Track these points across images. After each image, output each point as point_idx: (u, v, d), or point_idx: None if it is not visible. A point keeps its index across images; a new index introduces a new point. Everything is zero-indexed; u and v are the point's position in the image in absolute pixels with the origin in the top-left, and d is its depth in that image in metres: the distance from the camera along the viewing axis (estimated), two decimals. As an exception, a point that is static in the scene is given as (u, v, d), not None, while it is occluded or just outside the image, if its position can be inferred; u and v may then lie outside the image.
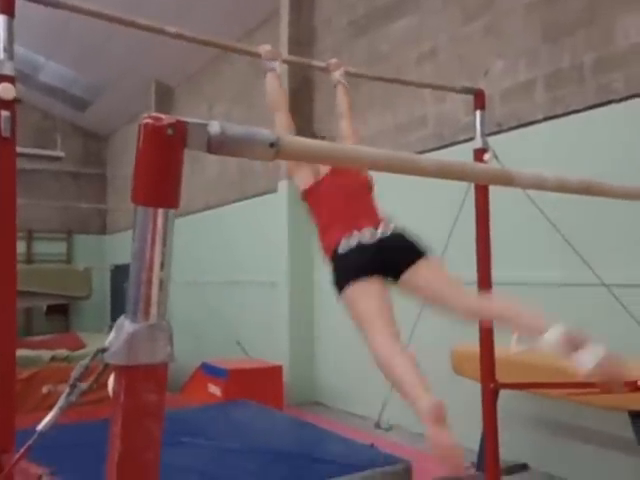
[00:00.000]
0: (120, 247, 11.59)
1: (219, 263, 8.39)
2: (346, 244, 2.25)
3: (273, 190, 6.90)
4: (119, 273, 11.25)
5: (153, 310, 0.85)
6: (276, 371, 5.85)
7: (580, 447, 3.72)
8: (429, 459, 4.34)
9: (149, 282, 0.85)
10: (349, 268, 2.20)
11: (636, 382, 2.71)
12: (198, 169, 9.00)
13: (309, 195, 2.53)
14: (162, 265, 0.85)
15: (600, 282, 3.10)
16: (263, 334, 7.04)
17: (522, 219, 3.86)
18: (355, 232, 2.25)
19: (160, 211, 0.84)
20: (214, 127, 0.88)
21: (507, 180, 1.12)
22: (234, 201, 8.09)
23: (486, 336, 3.18)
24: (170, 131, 0.83)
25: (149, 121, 0.83)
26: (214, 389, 5.60)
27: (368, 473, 3.44)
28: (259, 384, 5.55)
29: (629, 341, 3.21)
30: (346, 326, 7.09)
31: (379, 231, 2.24)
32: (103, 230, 13.09)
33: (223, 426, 4.37)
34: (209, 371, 5.82)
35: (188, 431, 4.15)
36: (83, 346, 6.44)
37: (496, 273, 3.37)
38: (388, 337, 1.98)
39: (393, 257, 2.22)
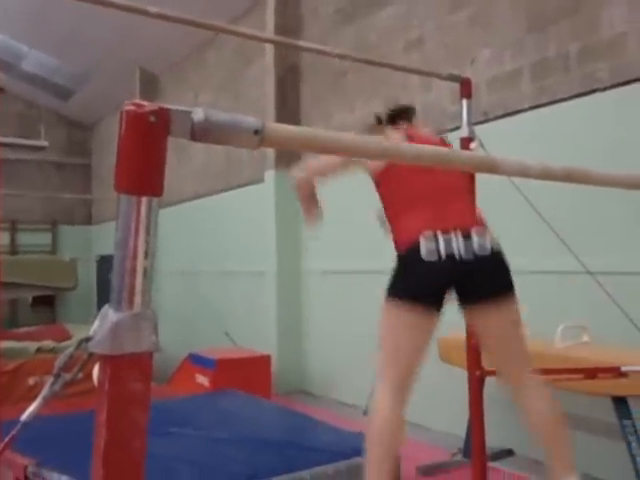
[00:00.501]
0: (106, 238, 11.51)
1: (207, 253, 8.37)
2: (426, 247, 1.75)
3: (260, 180, 6.89)
4: (105, 264, 11.17)
5: (137, 299, 0.84)
6: (264, 360, 5.87)
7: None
8: (415, 446, 4.39)
9: (133, 271, 0.84)
10: (409, 283, 1.79)
11: (619, 368, 2.75)
12: (184, 158, 8.94)
13: (383, 176, 2.00)
14: (146, 254, 0.84)
15: (584, 269, 3.13)
16: (251, 324, 7.05)
17: (506, 207, 3.88)
18: (439, 233, 1.74)
19: (144, 199, 0.83)
20: (198, 114, 0.87)
21: (492, 167, 1.13)
22: (221, 191, 8.06)
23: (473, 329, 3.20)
24: (153, 118, 0.82)
25: (131, 108, 0.82)
26: (202, 379, 5.60)
27: (356, 460, 3.47)
28: (247, 374, 5.55)
29: (611, 329, 3.25)
30: (334, 315, 7.14)
31: (475, 242, 1.72)
32: (89, 221, 12.98)
33: (211, 416, 4.38)
34: (197, 361, 5.82)
35: (176, 421, 4.16)
36: (69, 337, 6.40)
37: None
38: (391, 395, 1.80)
39: (474, 282, 1.76)
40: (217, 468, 3.21)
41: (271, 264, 6.57)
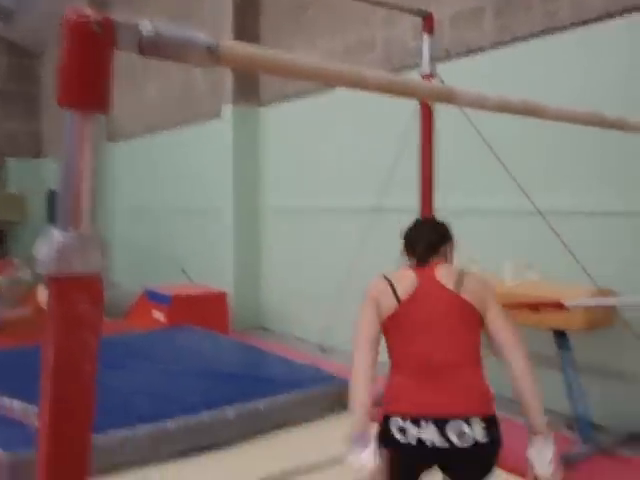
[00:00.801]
0: (57, 171, 11.10)
1: (163, 189, 8.20)
2: (397, 429, 1.53)
3: (217, 114, 6.70)
4: (56, 198, 10.82)
5: (84, 220, 0.81)
6: (221, 297, 5.89)
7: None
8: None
9: (79, 191, 0.81)
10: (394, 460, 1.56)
11: (561, 303, 2.88)
12: (136, 89, 8.60)
13: (388, 326, 1.69)
14: (92, 173, 0.81)
15: (536, 210, 3.22)
16: (208, 261, 7.03)
17: (464, 148, 3.91)
18: (421, 419, 1.49)
19: (88, 116, 0.79)
20: (146, 26, 0.82)
21: (449, 97, 1.12)
22: (177, 125, 7.81)
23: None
24: (97, 28, 0.77)
25: (73, 16, 0.77)
26: (158, 315, 5.60)
27: (310, 391, 3.59)
28: (204, 310, 5.58)
29: (558, 266, 3.38)
30: (292, 253, 7.16)
31: (467, 433, 1.46)
32: (38, 153, 12.46)
33: (168, 350, 4.41)
34: (153, 297, 5.80)
35: (132, 355, 4.18)
36: (20, 272, 6.25)
37: (438, 200, 3.45)
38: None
39: (451, 467, 1.55)
40: (173, 399, 3.26)
41: (228, 201, 6.50)
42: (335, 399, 3.69)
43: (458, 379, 1.53)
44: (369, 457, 1.52)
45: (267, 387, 3.51)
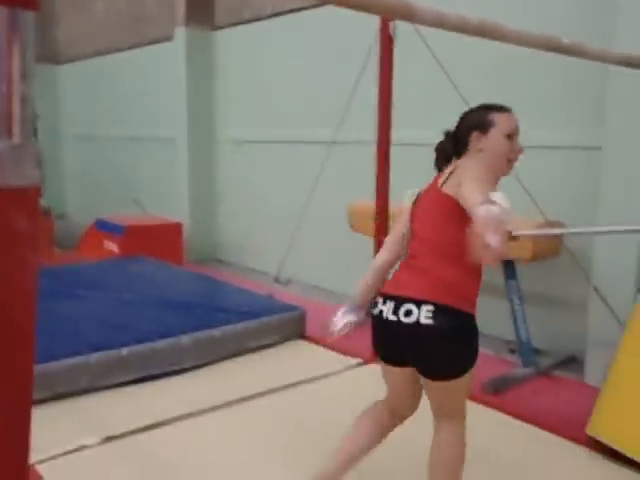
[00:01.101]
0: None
1: (114, 116, 7.86)
2: (374, 304, 1.77)
3: (169, 37, 6.37)
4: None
5: (16, 128, 0.76)
6: (175, 228, 5.82)
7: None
8: (321, 308, 4.61)
9: (9, 96, 0.75)
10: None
11: (510, 232, 2.95)
12: (84, 7, 8.07)
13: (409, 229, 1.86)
14: (24, 77, 0.75)
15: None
16: (163, 192, 6.88)
17: (424, 80, 3.86)
18: (387, 297, 1.70)
19: (15, 11, 0.72)
20: None
21: (409, 14, 1.08)
22: (127, 48, 7.41)
23: (381, 192, 3.28)
24: None
25: None
26: (110, 245, 5.51)
27: (265, 320, 3.64)
28: (158, 241, 5.51)
29: (513, 200, 3.44)
30: (247, 184, 7.06)
31: (413, 312, 1.61)
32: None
33: (120, 279, 4.37)
34: (105, 227, 5.68)
35: (84, 284, 4.12)
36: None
37: (396, 133, 3.42)
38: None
39: (406, 351, 1.71)
40: (127, 327, 3.25)
41: (182, 130, 6.29)
42: (291, 328, 3.76)
43: (423, 266, 1.67)
44: (339, 318, 1.91)
45: (223, 316, 3.53)
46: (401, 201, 3.41)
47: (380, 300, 1.73)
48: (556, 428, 2.61)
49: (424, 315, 1.60)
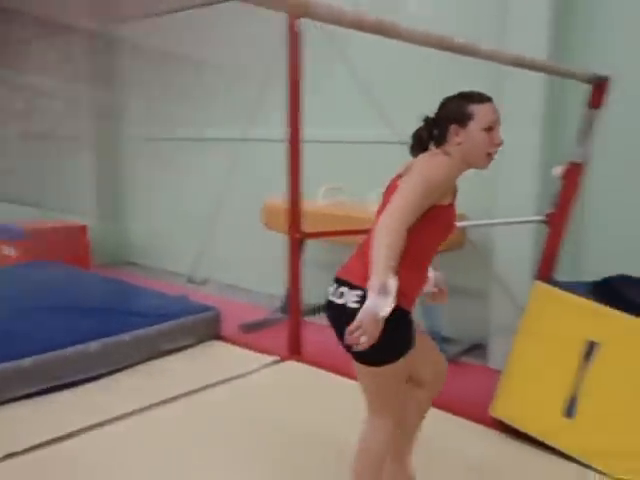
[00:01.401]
0: None
1: (12, 109, 7.37)
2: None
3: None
4: None
5: None
6: (80, 231, 5.56)
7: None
8: (238, 307, 4.55)
9: None
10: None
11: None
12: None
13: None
14: None
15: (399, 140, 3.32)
16: (67, 193, 6.54)
17: (337, 77, 3.92)
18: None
19: None
20: None
21: (304, 9, 1.09)
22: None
23: (294, 189, 3.29)
24: None
25: None
26: (8, 250, 5.18)
27: (180, 321, 3.55)
28: (61, 244, 5.25)
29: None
30: (158, 184, 6.85)
31: (330, 291, 1.69)
32: None
33: (22, 286, 4.11)
34: (1, 232, 5.33)
35: (-21, 293, 3.84)
36: None
37: (309, 131, 3.43)
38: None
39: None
40: (29, 336, 3.06)
41: (88, 129, 6.02)
42: (206, 329, 3.70)
43: (360, 251, 1.71)
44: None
45: (134, 320, 3.41)
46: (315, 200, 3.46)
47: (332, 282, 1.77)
48: (464, 411, 2.74)
49: (331, 293, 1.67)
